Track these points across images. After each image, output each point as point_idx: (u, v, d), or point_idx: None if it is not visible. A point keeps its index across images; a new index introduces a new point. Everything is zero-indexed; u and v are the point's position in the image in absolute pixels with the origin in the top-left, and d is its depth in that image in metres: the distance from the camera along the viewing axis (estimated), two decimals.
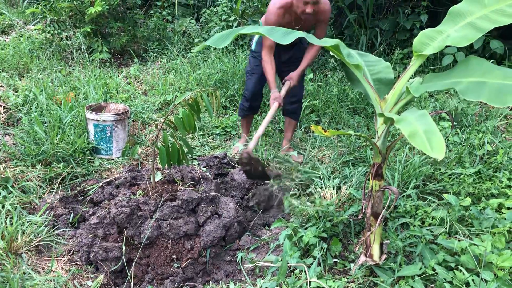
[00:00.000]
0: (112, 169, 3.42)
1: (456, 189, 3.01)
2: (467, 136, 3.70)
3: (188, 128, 2.59)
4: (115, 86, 4.76)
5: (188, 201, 2.63)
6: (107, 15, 5.96)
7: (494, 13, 1.90)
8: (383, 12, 5.96)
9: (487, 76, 1.75)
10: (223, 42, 2.19)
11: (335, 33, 5.95)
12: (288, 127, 3.78)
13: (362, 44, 5.64)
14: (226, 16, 6.32)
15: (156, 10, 7.26)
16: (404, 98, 2.05)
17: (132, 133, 3.93)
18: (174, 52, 5.94)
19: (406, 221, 2.69)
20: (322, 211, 2.66)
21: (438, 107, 4.21)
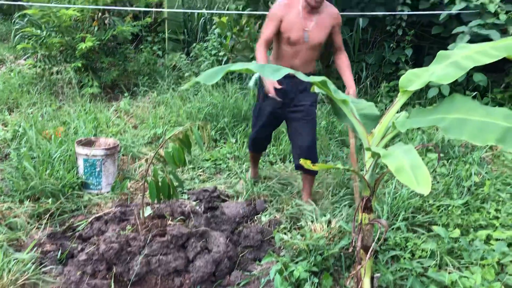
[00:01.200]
0: (101, 204, 3.40)
1: (445, 220, 3.03)
2: (454, 167, 3.75)
3: (178, 162, 2.60)
4: (105, 120, 4.78)
5: (178, 237, 2.62)
6: (98, 50, 6.03)
7: (477, 54, 1.98)
8: (369, 46, 6.11)
9: (470, 114, 1.81)
10: (214, 78, 2.22)
11: (322, 67, 6.07)
12: (305, 181, 3.43)
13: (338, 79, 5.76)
14: (216, 50, 6.44)
15: (147, 45, 7.37)
16: (390, 133, 2.09)
17: (122, 168, 3.93)
18: (164, 86, 6.00)
19: (396, 254, 2.70)
20: (313, 244, 2.66)
21: (425, 139, 4.28)
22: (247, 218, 3.29)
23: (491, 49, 1.95)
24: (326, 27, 3.12)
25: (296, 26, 3.06)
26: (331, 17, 3.14)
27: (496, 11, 4.70)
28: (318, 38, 3.11)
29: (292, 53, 3.15)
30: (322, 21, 3.10)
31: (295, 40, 3.09)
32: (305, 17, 3.07)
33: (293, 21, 3.07)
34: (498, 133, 1.68)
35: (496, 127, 1.73)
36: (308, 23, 3.07)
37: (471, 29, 4.77)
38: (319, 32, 3.10)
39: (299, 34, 3.08)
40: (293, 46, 3.12)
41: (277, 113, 3.29)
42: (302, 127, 3.24)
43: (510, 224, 2.93)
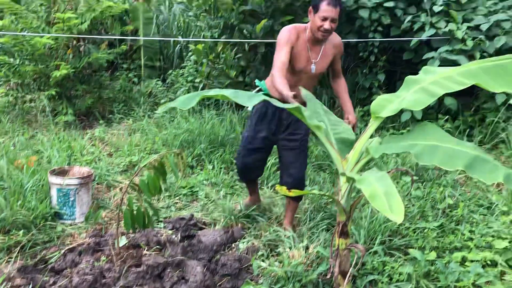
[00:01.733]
0: (75, 235, 3.31)
1: (421, 243, 3.06)
2: (428, 190, 3.81)
3: (153, 191, 2.58)
4: (79, 148, 4.72)
5: (154, 267, 2.57)
6: (73, 78, 5.99)
7: (445, 80, 2.04)
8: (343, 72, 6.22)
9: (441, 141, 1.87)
10: (189, 104, 2.23)
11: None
12: (288, 207, 3.38)
13: (324, 102, 5.83)
14: (192, 77, 6.46)
15: (122, 72, 7.35)
16: (364, 158, 2.13)
17: (97, 197, 3.86)
18: (140, 113, 5.97)
19: (374, 278, 2.70)
20: (291, 271, 2.64)
21: (400, 162, 4.35)
22: (224, 246, 3.25)
23: (457, 75, 2.01)
24: (329, 57, 3.11)
25: (303, 57, 3.02)
26: (334, 47, 3.11)
27: (464, 38, 4.87)
28: (322, 68, 3.11)
29: (296, 81, 3.08)
30: (327, 51, 3.08)
31: (300, 70, 3.05)
32: (311, 49, 3.03)
33: (301, 51, 3.02)
34: (466, 160, 1.74)
35: (465, 155, 1.79)
36: (314, 54, 3.04)
37: (440, 54, 4.93)
38: (323, 63, 3.09)
39: (306, 65, 3.05)
40: (296, 74, 3.08)
41: (271, 139, 3.24)
42: (297, 156, 3.21)
43: (484, 245, 2.98)
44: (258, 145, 3.26)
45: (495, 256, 2.81)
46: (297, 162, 3.20)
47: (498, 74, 1.98)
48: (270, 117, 3.15)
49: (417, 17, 5.22)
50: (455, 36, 4.88)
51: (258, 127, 3.23)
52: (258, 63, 5.70)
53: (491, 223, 3.22)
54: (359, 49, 5.87)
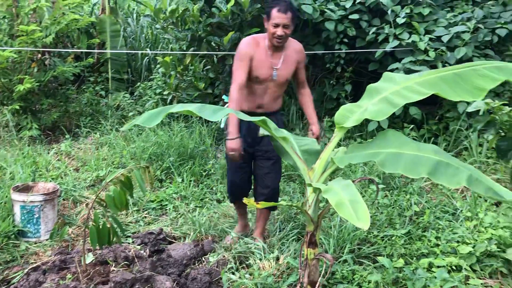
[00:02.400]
0: (39, 253, 3.22)
1: (389, 251, 3.11)
2: (395, 198, 3.88)
3: (119, 206, 2.54)
4: (44, 164, 4.60)
5: (122, 283, 2.52)
6: (38, 91, 5.86)
7: (405, 90, 2.10)
8: (311, 83, 6.31)
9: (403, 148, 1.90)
10: (153, 121, 2.21)
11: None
12: (259, 218, 3.35)
13: (292, 113, 5.90)
14: (160, 89, 6.42)
15: (89, 85, 7.24)
16: (330, 168, 2.15)
17: (63, 213, 3.77)
18: (107, 126, 5.88)
19: (344, 287, 2.72)
20: (261, 283, 2.63)
21: (367, 171, 4.41)
22: (194, 260, 3.22)
23: (417, 84, 2.07)
24: (292, 63, 3.12)
25: (265, 64, 3.03)
26: (296, 51, 3.13)
27: (426, 49, 5.02)
28: (286, 75, 3.10)
29: (260, 91, 3.10)
30: (289, 57, 3.09)
31: (263, 79, 3.05)
32: (273, 56, 3.05)
33: (262, 59, 3.03)
34: (429, 166, 1.78)
35: (428, 160, 1.82)
36: (276, 61, 3.06)
37: (404, 65, 5.06)
38: (286, 69, 3.09)
39: (268, 73, 3.04)
40: (261, 84, 3.08)
41: (249, 151, 3.18)
42: (272, 167, 3.19)
43: (450, 250, 3.04)
44: (240, 163, 3.14)
45: (460, 261, 2.87)
46: (272, 172, 3.20)
47: (456, 83, 2.04)
48: (245, 131, 3.10)
49: (381, 29, 5.35)
50: (418, 47, 5.03)
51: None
52: (226, 75, 5.71)
53: (456, 228, 3.30)
54: (326, 60, 5.96)
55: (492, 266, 2.91)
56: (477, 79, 2.03)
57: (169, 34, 5.86)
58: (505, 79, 1.98)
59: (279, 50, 3.07)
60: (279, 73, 3.06)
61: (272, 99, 3.15)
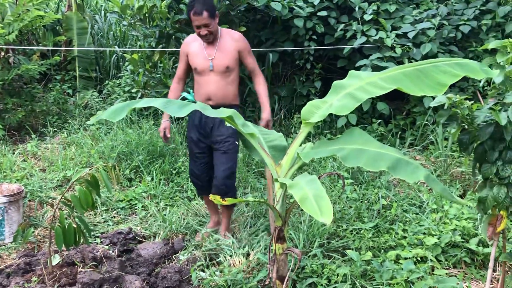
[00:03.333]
0: (4, 256, 3.13)
1: (357, 244, 3.15)
2: (364, 192, 3.94)
3: (85, 206, 2.49)
4: (9, 164, 4.48)
5: (89, 284, 2.48)
6: (1, 90, 5.70)
7: (369, 85, 2.13)
8: (281, 80, 6.34)
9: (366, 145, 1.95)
10: (119, 115, 2.18)
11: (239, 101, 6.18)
12: (223, 214, 3.40)
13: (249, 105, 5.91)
14: (129, 87, 6.33)
15: (56, 83, 7.08)
16: (296, 163, 2.17)
17: (28, 214, 3.68)
18: (75, 125, 5.77)
19: (313, 281, 2.75)
20: (231, 279, 2.64)
21: (336, 166, 4.46)
22: (165, 258, 3.20)
23: (380, 80, 2.10)
24: (230, 51, 3.19)
25: (200, 56, 3.18)
26: (233, 40, 3.21)
27: (393, 45, 5.10)
28: (224, 63, 3.17)
29: (204, 82, 3.22)
30: (224, 46, 3.18)
31: (201, 70, 3.20)
32: (207, 47, 3.18)
33: (197, 52, 3.20)
34: (390, 162, 1.82)
35: (389, 157, 1.87)
36: (210, 51, 3.17)
37: (372, 61, 5.13)
38: (223, 58, 3.17)
39: (205, 63, 3.17)
40: (202, 75, 3.21)
41: (205, 142, 3.29)
42: (219, 157, 3.25)
43: (416, 242, 3.11)
44: (196, 150, 3.33)
45: (426, 252, 2.94)
46: (219, 162, 3.24)
47: (418, 78, 2.08)
48: (197, 122, 3.28)
49: (349, 26, 5.41)
50: (385, 43, 5.10)
51: (190, 133, 3.35)
52: None
53: (422, 221, 3.37)
54: (295, 57, 5.99)
55: (457, 256, 2.99)
56: (438, 75, 2.07)
57: (137, 31, 5.78)
58: (464, 74, 2.03)
59: (213, 42, 3.19)
60: (215, 63, 3.17)
61: (219, 90, 3.21)
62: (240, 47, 3.23)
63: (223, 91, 3.22)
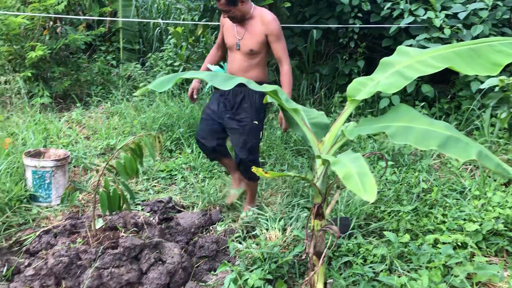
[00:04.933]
0: (50, 217, 3.29)
1: (395, 226, 3.13)
2: (404, 175, 3.88)
3: (130, 173, 2.56)
4: (55, 131, 4.65)
5: (131, 248, 2.57)
6: (49, 59, 5.87)
7: (418, 63, 2.07)
8: (323, 58, 6.25)
9: (414, 122, 1.90)
10: (165, 86, 2.22)
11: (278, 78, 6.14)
12: (248, 186, 3.43)
13: (303, 88, 5.86)
14: (171, 61, 6.40)
15: (100, 54, 7.23)
16: (340, 141, 2.15)
17: (73, 179, 3.82)
18: (118, 96, 5.90)
19: (349, 260, 2.75)
20: (267, 252, 2.67)
21: (376, 147, 4.40)
22: (202, 228, 3.27)
23: (431, 58, 2.04)
24: (257, 34, 3.09)
25: (230, 33, 3.21)
26: (262, 23, 3.08)
27: (441, 26, 4.92)
28: (249, 45, 3.10)
29: (231, 59, 3.27)
30: (253, 28, 3.10)
31: (229, 46, 3.24)
32: (238, 25, 3.16)
33: (229, 28, 3.22)
34: (440, 140, 1.77)
35: (438, 135, 1.81)
36: (239, 31, 3.15)
37: (419, 42, 4.97)
38: (250, 40, 3.10)
39: (232, 41, 3.19)
40: (231, 52, 3.27)
41: (218, 115, 3.25)
42: (238, 139, 3.21)
43: (456, 228, 3.05)
44: (205, 115, 3.37)
45: (465, 238, 2.89)
46: (239, 145, 3.20)
47: (470, 57, 2.01)
48: (218, 96, 3.29)
49: (397, 4, 5.24)
50: (433, 24, 4.93)
51: (209, 102, 3.44)
52: None
53: (463, 207, 3.30)
54: (339, 35, 5.89)
55: (498, 245, 2.92)
56: (493, 55, 1.99)
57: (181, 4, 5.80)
58: None
59: (243, 22, 3.14)
60: (242, 43, 3.14)
61: (241, 70, 3.16)
62: (268, 31, 3.07)
63: (244, 72, 3.13)
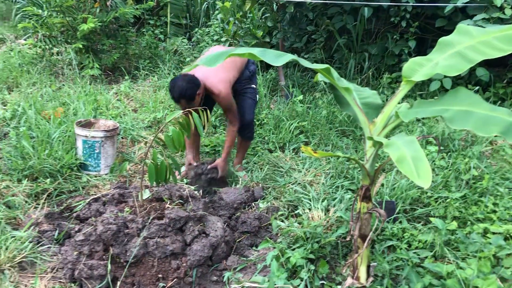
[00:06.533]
0: (99, 186, 3.39)
1: (442, 213, 3.04)
2: (453, 160, 3.75)
3: (177, 146, 2.59)
4: (105, 102, 4.76)
5: (176, 220, 2.61)
6: (99, 32, 5.99)
7: (482, 45, 1.95)
8: (372, 37, 6.07)
9: (474, 107, 1.80)
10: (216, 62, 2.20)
11: (325, 56, 6.04)
12: (240, 147, 3.80)
13: (351, 68, 5.73)
14: (218, 36, 6.39)
15: (149, 28, 7.32)
16: (392, 122, 2.09)
17: (121, 150, 3.92)
18: (165, 70, 5.97)
19: (393, 244, 2.70)
20: (310, 232, 2.66)
21: (425, 131, 4.27)
22: (245, 205, 3.30)
23: (495, 40, 1.92)
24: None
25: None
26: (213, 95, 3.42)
27: (502, 5, 4.65)
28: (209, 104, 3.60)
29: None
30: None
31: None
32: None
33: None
34: (502, 126, 1.68)
35: (500, 121, 1.72)
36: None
37: (476, 23, 4.73)
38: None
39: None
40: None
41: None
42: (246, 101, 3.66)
43: (508, 218, 2.93)
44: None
45: None
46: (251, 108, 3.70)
47: None
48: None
49: None
50: (493, 3, 4.67)
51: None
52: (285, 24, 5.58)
53: None
54: (390, 13, 5.68)
55: None
56: None
57: None
58: None
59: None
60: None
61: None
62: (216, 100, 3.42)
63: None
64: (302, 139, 4.32)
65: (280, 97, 5.33)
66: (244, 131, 3.67)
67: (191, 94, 3.16)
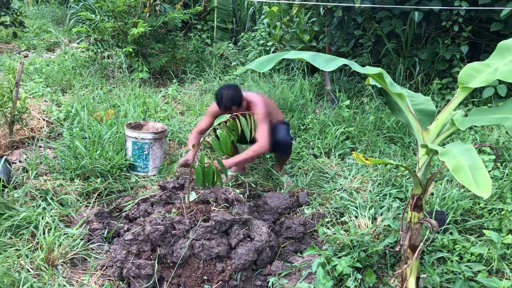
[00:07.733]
0: (147, 187, 3.46)
1: (496, 225, 2.91)
2: (509, 171, 3.59)
3: (224, 149, 2.61)
4: (153, 105, 4.87)
5: (221, 223, 2.63)
6: (149, 36, 6.14)
7: None
8: (422, 41, 5.91)
9: None
10: (266, 66, 2.21)
11: (372, 61, 5.93)
12: (277, 159, 3.72)
13: (399, 73, 5.60)
14: (264, 41, 6.41)
15: (196, 33, 7.44)
16: (447, 130, 2.02)
17: (169, 152, 3.99)
18: (211, 74, 6.04)
19: (443, 256, 2.61)
20: (357, 240, 2.61)
21: (478, 139, 4.11)
22: (289, 210, 3.28)
23: None
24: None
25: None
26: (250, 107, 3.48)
27: None
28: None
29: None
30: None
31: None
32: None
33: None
34: None
35: None
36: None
37: None
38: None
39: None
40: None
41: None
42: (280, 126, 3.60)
43: None
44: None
45: None
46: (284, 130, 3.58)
47: None
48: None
49: None
50: None
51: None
52: (333, 28, 5.52)
53: None
54: (442, 17, 5.51)
55: None
56: None
57: None
58: None
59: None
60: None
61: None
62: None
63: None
64: (348, 145, 4.26)
65: (326, 101, 5.28)
66: (280, 148, 3.52)
67: (240, 99, 3.27)
